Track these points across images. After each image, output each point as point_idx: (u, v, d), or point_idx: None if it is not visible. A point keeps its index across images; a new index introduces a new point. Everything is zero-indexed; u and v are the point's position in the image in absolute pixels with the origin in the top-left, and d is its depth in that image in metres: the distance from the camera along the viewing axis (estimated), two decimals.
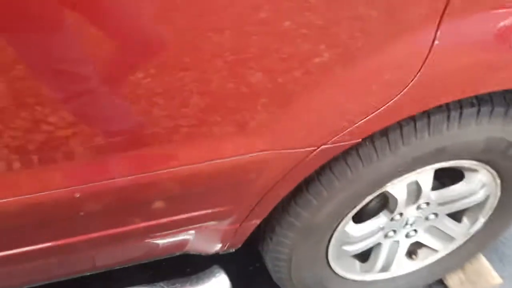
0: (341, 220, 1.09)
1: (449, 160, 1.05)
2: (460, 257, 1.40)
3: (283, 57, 0.71)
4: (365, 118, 0.82)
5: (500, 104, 1.00)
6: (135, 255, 1.02)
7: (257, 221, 0.98)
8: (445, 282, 1.49)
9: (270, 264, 1.18)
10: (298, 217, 1.03)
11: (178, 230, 0.94)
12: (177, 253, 1.07)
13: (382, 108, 0.82)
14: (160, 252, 1.03)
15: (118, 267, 1.09)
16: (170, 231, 0.94)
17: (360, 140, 0.87)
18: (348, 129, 0.83)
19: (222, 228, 0.96)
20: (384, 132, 0.95)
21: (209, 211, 0.90)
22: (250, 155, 0.81)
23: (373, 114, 0.82)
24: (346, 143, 0.86)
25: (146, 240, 0.97)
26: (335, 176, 0.97)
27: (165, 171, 0.81)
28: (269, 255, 1.15)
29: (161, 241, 0.98)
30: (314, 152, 0.84)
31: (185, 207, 0.89)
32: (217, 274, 1.11)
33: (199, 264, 1.14)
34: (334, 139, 0.83)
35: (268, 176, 0.87)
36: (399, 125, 0.95)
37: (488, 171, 1.14)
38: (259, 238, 1.16)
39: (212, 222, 0.94)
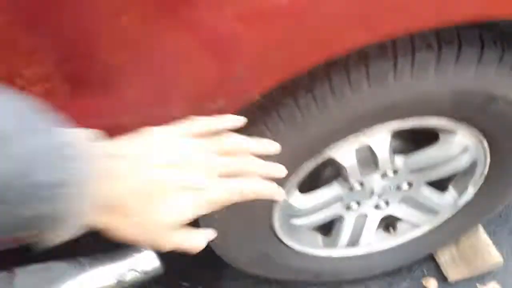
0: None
1: (406, 118, 0.83)
2: (450, 232, 1.19)
3: None
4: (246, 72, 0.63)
5: (472, 44, 0.76)
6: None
7: None
8: (437, 259, 1.29)
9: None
10: None
11: None
12: None
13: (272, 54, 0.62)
14: None
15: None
16: None
17: (257, 98, 0.68)
18: (228, 87, 0.65)
19: None
20: (309, 87, 0.76)
21: None
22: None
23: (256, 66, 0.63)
24: (234, 102, 0.68)
25: None
26: None
27: None
28: (203, 227, 1.01)
29: None
30: None
31: None
32: (142, 249, 1.00)
33: None
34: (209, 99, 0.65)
35: None
36: (328, 77, 0.75)
37: (469, 131, 0.91)
38: None
39: None
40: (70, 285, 1.02)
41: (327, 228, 1.14)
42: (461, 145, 0.94)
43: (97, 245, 1.05)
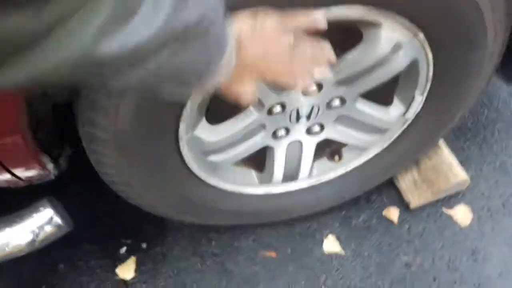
0: (178, 124, 0.76)
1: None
2: (405, 153, 1.03)
3: None
4: None
5: None
6: None
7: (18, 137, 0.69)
8: (397, 185, 1.15)
9: (114, 189, 0.90)
10: (95, 125, 0.72)
11: None
12: None
13: None
14: None
15: None
16: None
17: None
18: None
19: None
20: None
21: None
22: None
23: None
24: None
25: None
26: None
27: None
28: (104, 179, 0.87)
29: None
30: None
31: None
32: (42, 209, 0.87)
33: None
34: None
35: None
36: None
37: (397, 21, 0.73)
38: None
39: None
40: None
41: (263, 164, 1.00)
42: (390, 41, 0.76)
43: None
